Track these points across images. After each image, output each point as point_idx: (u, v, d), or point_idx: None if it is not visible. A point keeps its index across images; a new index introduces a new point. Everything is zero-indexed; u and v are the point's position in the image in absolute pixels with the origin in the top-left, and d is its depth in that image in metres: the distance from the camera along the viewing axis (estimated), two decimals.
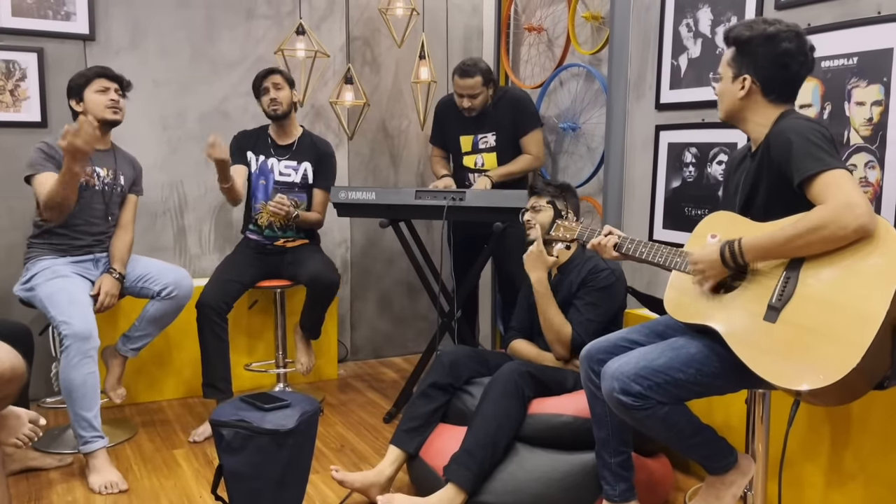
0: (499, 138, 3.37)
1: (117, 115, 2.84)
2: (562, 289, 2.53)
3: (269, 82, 3.19)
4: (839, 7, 2.29)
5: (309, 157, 3.31)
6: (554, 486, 2.25)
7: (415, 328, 4.34)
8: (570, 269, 2.55)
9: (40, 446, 2.79)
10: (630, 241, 2.05)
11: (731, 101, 1.91)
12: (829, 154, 1.71)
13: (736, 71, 1.89)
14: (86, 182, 2.79)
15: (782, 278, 1.75)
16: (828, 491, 2.21)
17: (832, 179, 1.67)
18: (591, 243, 2.15)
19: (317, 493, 2.52)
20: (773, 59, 1.84)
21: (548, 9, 3.69)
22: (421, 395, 2.50)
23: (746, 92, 1.87)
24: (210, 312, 3.00)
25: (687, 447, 1.92)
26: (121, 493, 2.50)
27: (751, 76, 1.86)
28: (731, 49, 1.90)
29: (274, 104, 3.19)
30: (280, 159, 3.28)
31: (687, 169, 2.86)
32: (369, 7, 3.96)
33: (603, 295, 2.46)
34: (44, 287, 2.67)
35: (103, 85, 2.80)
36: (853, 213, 1.63)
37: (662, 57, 2.93)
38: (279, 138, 3.31)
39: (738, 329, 1.78)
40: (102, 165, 2.86)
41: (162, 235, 3.60)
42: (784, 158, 1.76)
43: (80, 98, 2.79)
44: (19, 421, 1.82)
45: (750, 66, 1.86)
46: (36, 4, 3.23)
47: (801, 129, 1.76)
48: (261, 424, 2.02)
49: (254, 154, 3.28)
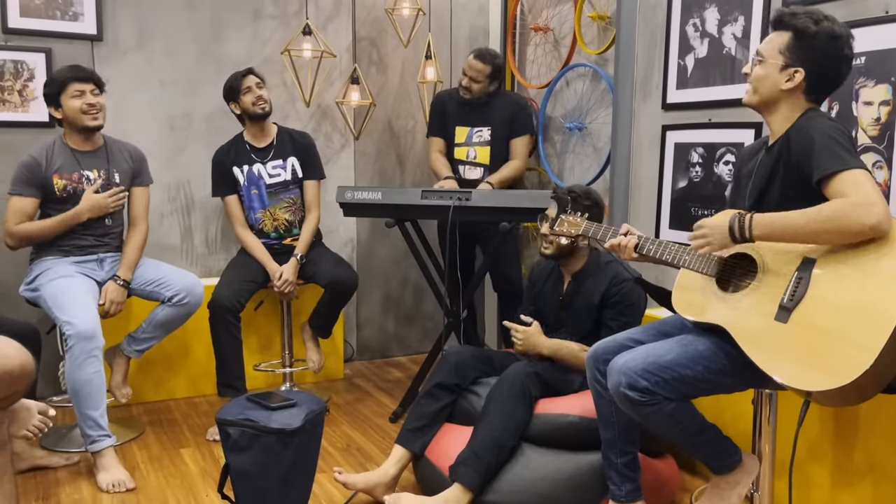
0: (493, 134, 3.43)
1: (97, 122, 2.78)
2: (579, 297, 2.49)
3: (250, 82, 3.15)
4: (847, 6, 2.28)
5: (293, 152, 3.29)
6: (560, 487, 2.24)
7: (420, 328, 4.35)
8: (585, 276, 2.50)
9: (48, 445, 2.81)
10: (651, 242, 1.98)
11: (771, 89, 1.83)
12: (849, 153, 1.69)
13: (789, 60, 1.80)
14: (73, 189, 2.78)
15: (794, 278, 1.73)
16: (835, 491, 2.20)
17: (852, 178, 1.65)
18: (609, 243, 2.06)
19: (323, 492, 2.53)
20: (832, 61, 1.78)
21: (554, 9, 3.69)
22: (427, 395, 2.50)
23: (794, 85, 1.80)
24: (225, 312, 3.01)
25: (691, 445, 1.92)
26: (128, 492, 2.51)
27: (805, 70, 1.79)
28: (788, 36, 1.80)
29: (261, 102, 3.16)
30: (265, 162, 3.26)
31: (693, 169, 2.85)
32: (375, 7, 3.97)
33: (634, 310, 2.42)
34: (48, 287, 2.68)
35: (77, 89, 2.74)
36: (870, 211, 1.61)
37: (669, 57, 2.92)
38: (257, 141, 3.27)
39: (748, 329, 1.77)
40: (92, 167, 2.84)
41: (169, 235, 3.61)
42: (805, 155, 1.74)
43: (58, 105, 2.76)
44: (29, 413, 1.84)
45: (807, 61, 1.78)
46: (44, 5, 3.24)
47: (824, 128, 1.74)
48: (267, 423, 2.02)
49: (237, 167, 3.24)
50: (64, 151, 2.80)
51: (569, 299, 2.52)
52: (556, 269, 2.60)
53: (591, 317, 2.47)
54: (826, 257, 1.71)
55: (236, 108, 3.21)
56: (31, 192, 2.73)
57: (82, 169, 2.81)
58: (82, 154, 2.83)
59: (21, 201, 2.72)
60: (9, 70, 3.21)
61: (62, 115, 2.78)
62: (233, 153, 3.26)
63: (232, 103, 3.21)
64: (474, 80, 3.34)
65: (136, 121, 3.44)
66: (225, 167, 3.25)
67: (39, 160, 2.74)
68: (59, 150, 2.79)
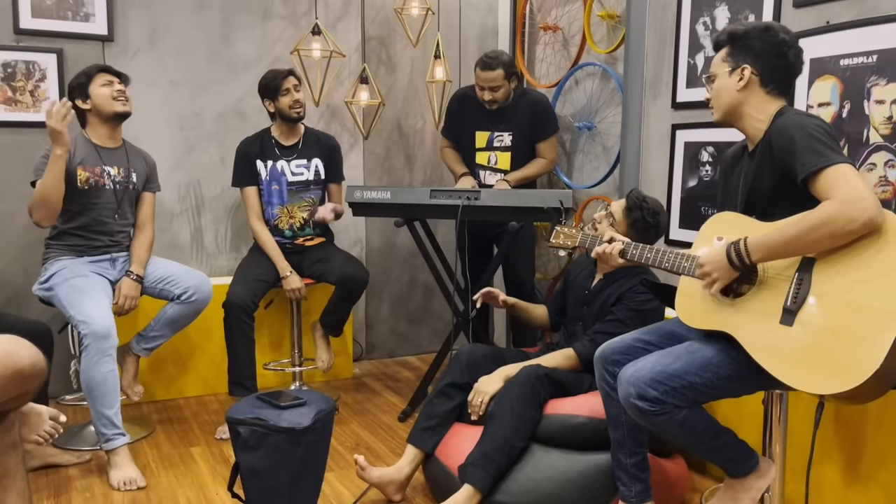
0: (515, 138, 3.37)
1: (126, 107, 2.84)
2: (601, 296, 2.49)
3: (290, 83, 3.17)
4: (858, 4, 2.27)
5: (317, 153, 3.31)
6: (569, 487, 2.24)
7: (430, 327, 4.35)
8: (614, 279, 2.49)
9: (59, 443, 2.82)
10: (635, 247, 2.02)
11: (728, 95, 1.89)
12: (831, 149, 1.69)
13: (733, 64, 1.89)
14: (95, 182, 2.81)
15: (795, 280, 1.73)
16: (847, 492, 2.19)
17: (837, 174, 1.65)
18: (594, 252, 2.10)
19: (332, 491, 2.53)
20: (772, 48, 1.85)
21: (563, 8, 3.68)
22: (438, 394, 2.50)
23: (746, 82, 1.86)
24: (239, 312, 3.01)
25: (706, 450, 1.90)
26: (139, 490, 2.52)
27: (749, 65, 1.86)
28: (725, 47, 1.91)
29: (297, 105, 3.19)
30: (289, 160, 3.28)
31: (703, 168, 2.84)
32: (385, 7, 3.97)
33: (636, 316, 2.40)
34: (62, 287, 2.70)
35: (106, 78, 2.81)
36: (860, 207, 1.60)
37: (679, 55, 2.91)
38: (285, 138, 3.29)
39: (755, 335, 1.76)
40: (113, 164, 2.87)
41: (179, 234, 3.63)
42: (787, 155, 1.74)
43: (87, 95, 2.80)
44: (40, 418, 1.85)
45: (748, 57, 1.87)
46: (55, 6, 3.26)
47: (802, 125, 1.74)
48: (277, 422, 2.03)
49: (261, 161, 3.26)
50: (87, 145, 2.84)
51: (592, 296, 2.53)
52: (593, 264, 2.61)
53: (603, 317, 2.47)
54: (825, 256, 1.70)
55: (270, 105, 3.22)
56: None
57: (105, 164, 2.84)
58: (104, 150, 2.86)
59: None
60: (20, 70, 3.23)
61: (90, 105, 2.81)
62: (258, 146, 3.28)
63: (267, 100, 3.22)
64: (493, 89, 3.25)
65: (147, 121, 3.45)
66: (248, 158, 3.26)
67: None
68: (81, 143, 2.83)
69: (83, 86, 2.80)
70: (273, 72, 3.21)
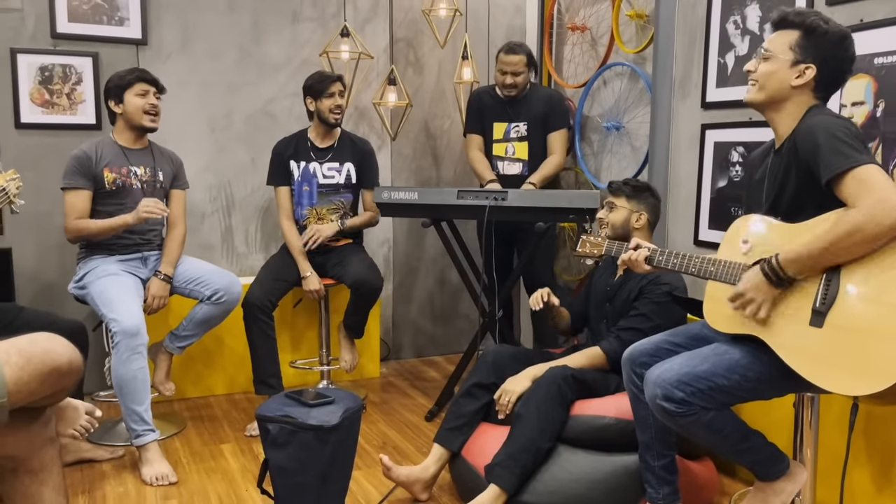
0: (530, 129, 3.45)
1: (154, 123, 2.91)
2: (623, 291, 2.49)
3: (336, 88, 3.20)
4: (892, 2, 2.23)
5: (351, 158, 3.34)
6: (596, 488, 2.23)
7: (456, 328, 4.36)
8: (635, 273, 2.49)
9: (93, 438, 2.88)
10: (661, 253, 2.01)
11: (780, 85, 1.83)
12: (856, 150, 1.66)
13: (800, 57, 1.80)
14: (122, 182, 2.87)
15: (823, 281, 1.71)
16: (879, 497, 2.15)
17: (862, 175, 1.63)
18: (620, 259, 2.10)
19: (359, 489, 2.55)
20: (842, 61, 1.81)
21: (591, 8, 3.67)
22: (465, 394, 2.51)
23: (804, 82, 1.81)
24: (256, 311, 3.06)
25: (735, 453, 1.89)
26: (171, 486, 2.57)
27: (816, 68, 1.79)
28: (797, 34, 1.81)
29: (338, 111, 3.22)
30: (322, 162, 3.31)
31: (733, 168, 2.81)
32: (412, 8, 3.99)
33: (658, 309, 2.39)
34: (95, 285, 2.76)
35: (143, 88, 2.86)
36: (884, 209, 1.58)
37: (709, 55, 2.89)
38: (320, 140, 3.32)
39: (785, 337, 1.74)
40: (139, 164, 2.93)
41: (210, 235, 3.68)
42: (811, 156, 1.72)
43: (121, 100, 2.86)
44: (77, 412, 1.88)
45: (817, 58, 1.79)
46: (91, 10, 3.33)
47: (827, 126, 1.72)
48: (305, 420, 2.05)
49: (295, 161, 3.30)
50: (113, 147, 2.91)
51: (614, 292, 2.52)
52: (613, 261, 2.60)
53: (627, 313, 2.47)
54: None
55: (312, 104, 3.25)
56: (84, 183, 2.82)
57: (130, 164, 2.90)
58: (130, 151, 2.93)
59: (76, 195, 2.81)
60: (57, 74, 3.30)
61: (121, 111, 2.87)
62: (292, 147, 3.32)
63: (309, 98, 3.25)
64: (515, 74, 3.36)
65: (179, 122, 3.51)
66: (283, 158, 3.31)
67: (90, 154, 2.84)
68: (108, 145, 2.90)
69: (120, 89, 2.86)
70: (322, 73, 3.25)
